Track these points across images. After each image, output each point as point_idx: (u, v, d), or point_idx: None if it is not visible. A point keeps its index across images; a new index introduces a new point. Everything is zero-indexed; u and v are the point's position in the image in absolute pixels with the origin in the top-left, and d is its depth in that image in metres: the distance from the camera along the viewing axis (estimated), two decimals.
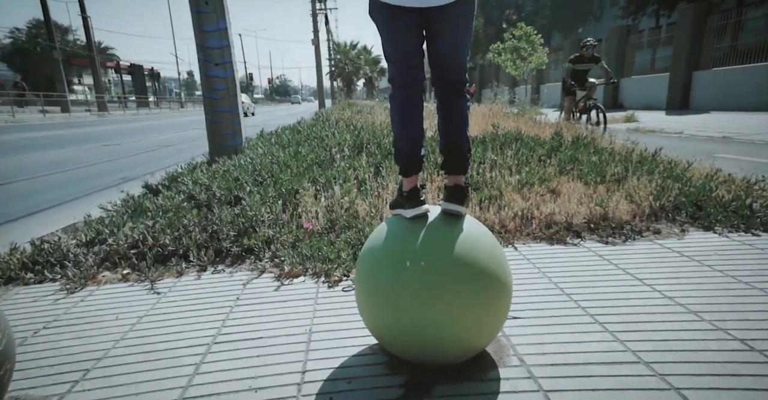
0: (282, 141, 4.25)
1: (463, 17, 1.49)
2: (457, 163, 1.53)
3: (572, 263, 2.16)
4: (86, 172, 5.95)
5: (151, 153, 8.36)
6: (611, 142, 4.02)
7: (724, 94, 10.87)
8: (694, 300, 1.72)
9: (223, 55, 4.45)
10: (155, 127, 15.51)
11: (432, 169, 3.27)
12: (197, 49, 4.41)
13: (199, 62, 4.43)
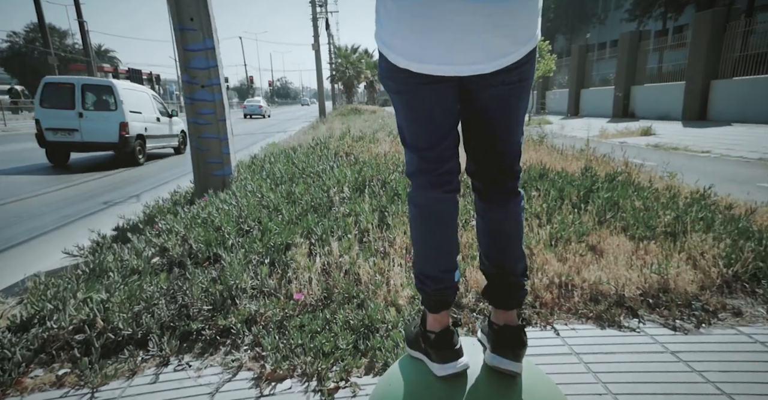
0: (274, 174, 3.77)
1: (519, 84, 1.02)
2: (509, 293, 1.05)
3: (634, 362, 1.67)
4: (70, 194, 5.51)
5: (142, 169, 7.92)
6: (650, 179, 3.52)
7: (746, 104, 10.35)
8: None
9: (209, 76, 3.99)
10: None
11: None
12: (180, 70, 3.95)
13: (183, 84, 3.97)
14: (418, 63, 0.96)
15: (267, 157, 4.69)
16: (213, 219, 2.80)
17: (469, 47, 0.94)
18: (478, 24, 0.92)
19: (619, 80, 15.57)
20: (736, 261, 2.18)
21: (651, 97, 14.18)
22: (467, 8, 0.91)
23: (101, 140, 8.10)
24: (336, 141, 5.06)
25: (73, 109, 8.07)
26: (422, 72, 0.98)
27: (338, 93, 46.81)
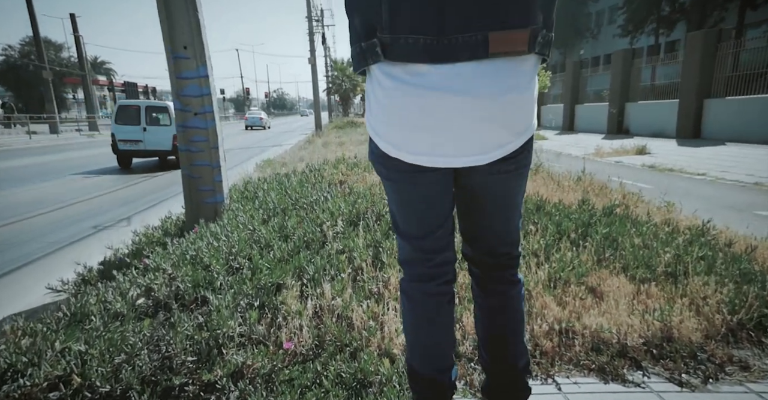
0: (267, 204, 3.69)
1: (516, 172, 0.97)
2: (510, 392, 0.98)
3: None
4: (58, 217, 5.40)
5: (133, 188, 7.82)
6: (648, 212, 3.47)
7: (739, 124, 10.41)
8: None
9: (203, 103, 3.93)
10: None
11: None
12: (173, 98, 3.90)
13: (176, 112, 3.91)
14: (409, 154, 0.91)
15: (260, 184, 4.61)
16: (202, 257, 2.72)
17: (463, 139, 0.90)
18: (472, 118, 0.88)
19: (613, 97, 15.69)
20: (740, 307, 2.12)
21: (645, 114, 14.27)
22: (461, 103, 0.87)
23: (159, 149, 10.53)
24: (330, 168, 5.00)
25: (139, 125, 10.45)
26: (414, 163, 0.92)
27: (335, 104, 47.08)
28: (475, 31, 0.86)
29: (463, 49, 0.86)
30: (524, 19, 0.88)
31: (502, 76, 0.89)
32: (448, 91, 0.87)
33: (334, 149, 14.65)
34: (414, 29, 0.87)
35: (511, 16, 0.87)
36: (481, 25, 0.86)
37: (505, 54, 0.88)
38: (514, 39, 0.87)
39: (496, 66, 0.89)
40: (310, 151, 14.38)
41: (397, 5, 0.87)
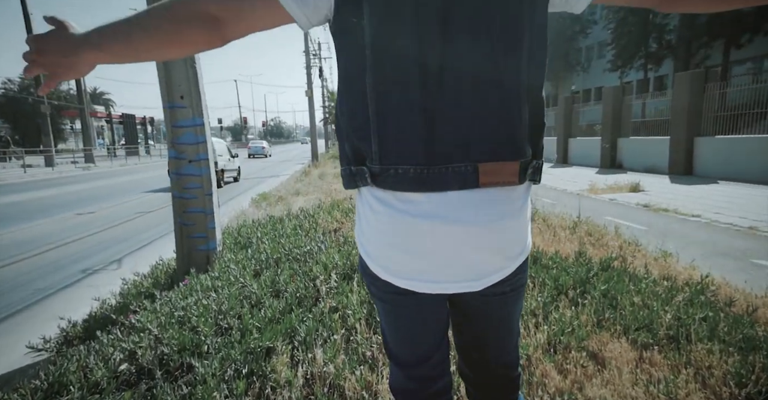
0: (260, 254, 3.63)
1: (512, 293, 0.96)
2: None
3: None
4: (47, 260, 5.28)
5: (127, 225, 7.72)
6: (646, 264, 3.44)
7: (730, 162, 10.56)
8: None
9: (198, 151, 3.93)
10: (138, 183, 14.97)
11: None
12: (168, 146, 3.89)
13: (170, 160, 3.89)
14: (400, 278, 0.89)
15: (254, 229, 4.56)
16: (190, 316, 2.63)
17: (455, 266, 0.88)
18: (464, 245, 0.87)
19: (605, 132, 15.95)
20: (748, 379, 2.05)
21: (637, 149, 14.48)
22: (453, 231, 0.86)
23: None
24: (325, 213, 4.97)
25: None
26: (405, 287, 0.89)
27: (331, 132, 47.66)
28: (465, 162, 0.86)
29: (453, 179, 0.86)
30: (513, 152, 0.88)
31: (493, 204, 0.89)
32: (440, 220, 0.87)
33: (330, 181, 14.68)
34: (403, 160, 0.87)
35: (500, 148, 0.87)
36: (471, 156, 0.86)
37: (495, 184, 0.88)
38: (504, 171, 0.87)
39: (487, 195, 0.88)
40: (306, 183, 14.40)
41: (386, 137, 0.87)
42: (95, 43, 0.89)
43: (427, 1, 0.83)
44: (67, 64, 0.90)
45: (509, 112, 0.87)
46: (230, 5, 0.89)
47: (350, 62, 0.89)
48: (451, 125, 0.86)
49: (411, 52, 0.84)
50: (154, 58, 0.98)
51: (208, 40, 0.92)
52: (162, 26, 0.89)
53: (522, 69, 0.87)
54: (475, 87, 0.85)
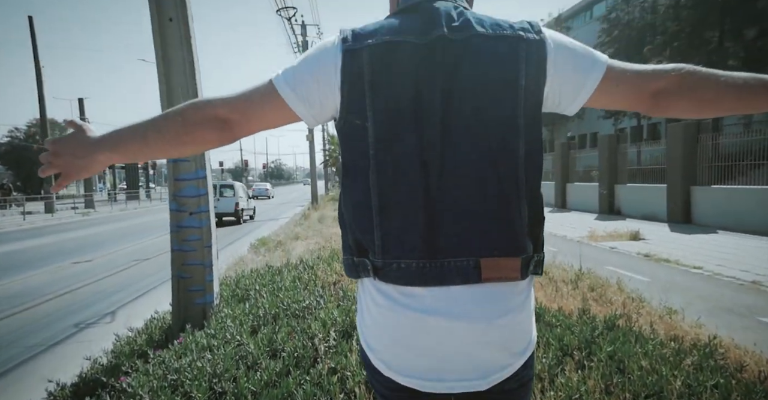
0: (257, 309, 3.57)
1: (519, 389, 0.96)
2: None
3: None
4: (40, 313, 5.16)
5: (123, 273, 7.63)
6: (651, 323, 3.38)
7: (728, 212, 10.60)
8: None
9: (199, 203, 3.95)
10: (138, 229, 14.92)
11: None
12: (169, 198, 3.92)
13: (171, 214, 3.91)
14: (402, 376, 0.88)
15: (252, 281, 4.51)
16: (183, 380, 2.55)
17: (459, 363, 0.88)
18: (468, 342, 0.87)
19: (602, 178, 16.14)
20: None
21: (635, 196, 14.59)
22: (456, 327, 0.86)
23: (226, 211, 17.32)
24: (324, 264, 4.94)
25: (214, 197, 18.55)
26: (408, 386, 0.88)
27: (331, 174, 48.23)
28: (467, 256, 0.88)
29: (455, 274, 0.87)
30: (514, 248, 0.90)
31: (496, 299, 0.89)
32: (442, 315, 0.87)
33: (329, 224, 14.67)
34: (406, 254, 0.88)
35: (500, 244, 0.89)
36: (473, 251, 0.88)
37: (498, 279, 0.88)
38: (505, 266, 0.88)
39: (490, 290, 0.89)
40: (305, 227, 14.39)
41: (388, 232, 0.89)
42: (110, 146, 0.94)
43: (427, 106, 0.88)
44: (81, 166, 0.94)
45: (508, 209, 0.90)
46: (241, 108, 0.94)
47: (354, 159, 0.93)
48: (452, 221, 0.88)
49: (412, 153, 0.88)
50: (165, 157, 1.02)
51: (219, 139, 0.97)
52: (176, 129, 0.94)
53: (519, 168, 0.90)
54: (474, 186, 0.89)
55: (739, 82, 0.91)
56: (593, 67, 0.93)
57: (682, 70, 0.93)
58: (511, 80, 0.89)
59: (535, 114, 0.92)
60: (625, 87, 0.95)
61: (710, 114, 1.00)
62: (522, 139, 0.90)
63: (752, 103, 0.93)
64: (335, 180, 47.45)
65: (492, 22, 0.92)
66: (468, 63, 0.88)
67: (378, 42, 0.89)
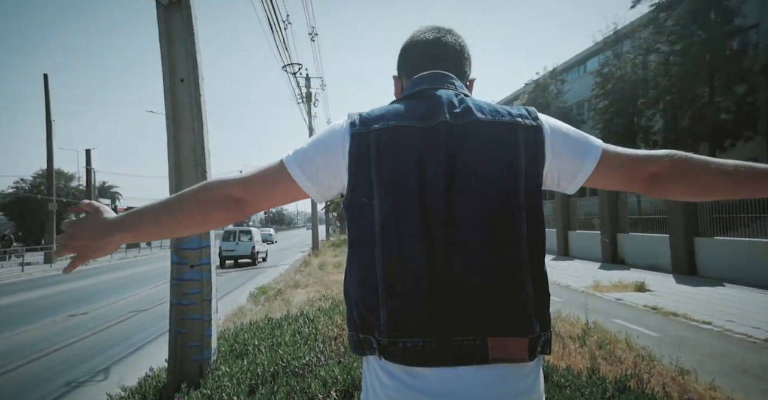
0: (256, 366, 3.46)
1: None
2: None
3: None
4: (31, 372, 4.97)
5: (119, 326, 7.45)
6: (664, 386, 3.26)
7: (734, 265, 10.46)
8: None
9: (201, 255, 3.94)
10: (136, 278, 14.72)
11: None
12: (171, 251, 3.92)
13: (172, 266, 3.90)
14: None
15: (251, 335, 4.40)
16: None
17: None
18: None
19: (603, 227, 16.11)
20: None
21: (638, 246, 14.50)
22: None
23: (244, 254, 20.01)
24: (325, 317, 4.84)
25: (234, 241, 20.06)
26: None
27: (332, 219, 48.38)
28: (474, 335, 0.88)
29: (462, 354, 0.87)
30: (520, 327, 0.90)
31: (505, 382, 0.88)
32: (449, 398, 0.85)
33: (330, 271, 14.49)
34: (411, 333, 0.88)
35: (507, 322, 0.89)
36: (479, 329, 0.88)
37: (505, 360, 0.88)
38: (513, 347, 0.88)
39: (498, 372, 0.88)
40: (305, 274, 14.20)
41: (394, 310, 0.90)
42: (125, 228, 0.98)
43: (431, 186, 0.91)
44: (96, 247, 0.98)
45: (513, 287, 0.91)
46: (253, 188, 0.99)
47: (360, 236, 0.95)
48: (458, 299, 0.89)
49: (417, 231, 0.90)
50: (178, 236, 1.06)
51: (230, 218, 1.01)
52: (190, 210, 0.98)
53: (522, 246, 0.92)
54: (478, 263, 0.90)
55: (729, 169, 0.96)
56: (589, 152, 0.98)
57: (675, 156, 0.98)
58: (511, 162, 0.93)
59: (536, 193, 0.95)
60: (621, 171, 0.99)
61: (704, 198, 1.03)
62: (524, 217, 0.93)
63: (743, 189, 0.97)
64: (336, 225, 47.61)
65: (491, 109, 0.98)
66: (469, 146, 0.93)
67: (384, 127, 0.95)
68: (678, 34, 15.29)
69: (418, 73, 1.07)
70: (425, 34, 1.11)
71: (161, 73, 4.23)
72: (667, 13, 15.91)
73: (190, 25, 4.22)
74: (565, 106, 26.42)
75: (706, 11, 14.72)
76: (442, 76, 1.05)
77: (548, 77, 26.08)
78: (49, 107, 24.46)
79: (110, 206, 30.14)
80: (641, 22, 18.50)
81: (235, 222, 1.03)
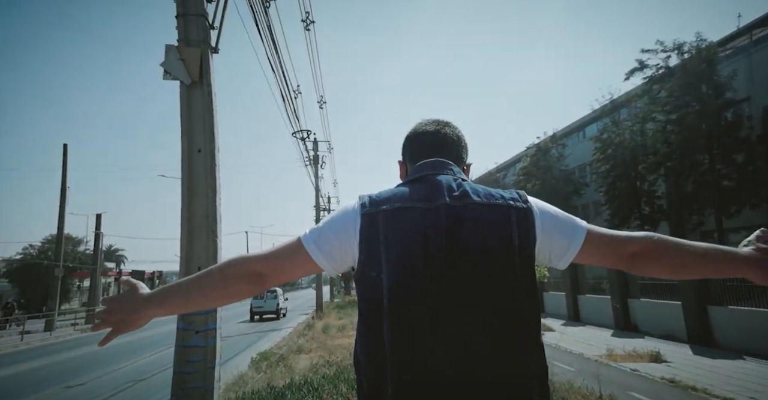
0: None
1: None
2: None
3: None
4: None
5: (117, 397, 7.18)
6: None
7: (751, 336, 10.03)
8: None
9: (207, 321, 3.93)
10: (136, 345, 14.25)
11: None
12: (177, 317, 3.92)
13: (177, 332, 3.88)
14: None
15: None
16: None
17: None
18: None
19: (613, 291, 15.74)
20: None
21: (651, 312, 14.08)
22: None
23: (270, 310, 24.10)
24: (329, 385, 4.69)
25: (263, 299, 23.73)
26: None
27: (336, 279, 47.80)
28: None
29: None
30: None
31: None
32: None
33: (334, 335, 14.05)
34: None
35: (510, 393, 0.96)
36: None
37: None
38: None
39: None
40: (309, 338, 13.76)
41: (402, 385, 0.96)
42: (158, 303, 1.08)
43: (434, 260, 1.01)
44: (131, 322, 1.08)
45: (515, 360, 0.99)
46: (273, 264, 1.12)
47: (369, 307, 1.04)
48: (463, 373, 0.95)
49: (422, 303, 1.00)
50: (204, 308, 1.16)
51: (252, 291, 1.13)
52: (216, 284, 1.10)
53: (522, 317, 1.02)
54: (478, 330, 0.99)
55: (700, 252, 1.08)
56: (575, 232, 1.10)
57: (653, 238, 1.10)
58: (506, 240, 1.04)
59: (529, 268, 1.06)
60: (605, 250, 1.11)
61: (679, 277, 1.14)
62: (521, 290, 1.03)
63: (710, 270, 1.09)
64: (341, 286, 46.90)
65: (486, 192, 1.11)
66: (468, 225, 1.05)
67: (391, 208, 1.07)
68: (672, 104, 15.90)
69: (420, 160, 1.22)
70: (426, 127, 1.27)
71: (179, 143, 4.48)
72: (660, 85, 16.65)
73: (210, 102, 4.54)
74: (567, 169, 26.88)
75: (698, 85, 15.39)
76: (442, 163, 1.19)
77: (549, 141, 26.78)
78: (66, 176, 24.28)
79: (115, 269, 29.83)
80: (636, 92, 19.30)
81: (254, 295, 1.13)
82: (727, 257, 1.05)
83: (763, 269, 1.02)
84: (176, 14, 4.53)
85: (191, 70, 4.42)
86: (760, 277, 1.03)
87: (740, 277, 1.06)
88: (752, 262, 1.03)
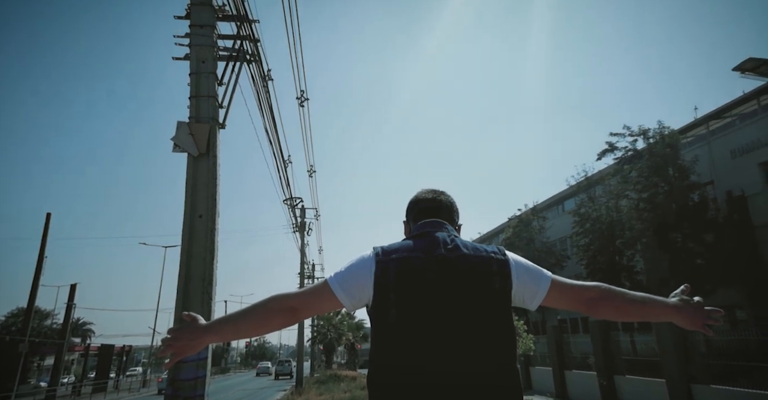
0: None
1: None
2: None
3: None
4: None
5: None
6: None
7: None
8: None
9: (195, 387, 3.96)
10: None
11: None
12: (167, 383, 3.94)
13: (165, 398, 3.88)
14: None
15: None
16: None
17: None
18: None
19: (599, 367, 15.48)
20: None
21: (637, 390, 13.81)
22: None
23: (287, 372, 40.49)
24: None
25: (283, 366, 42.52)
26: None
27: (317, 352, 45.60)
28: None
29: None
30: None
31: None
32: None
33: None
34: None
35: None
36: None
37: None
38: None
39: None
40: None
41: (408, 383, 1.24)
42: (214, 331, 1.35)
43: (433, 300, 1.32)
44: (191, 346, 1.34)
45: (502, 380, 1.28)
46: (307, 301, 1.42)
47: (380, 339, 1.33)
48: (457, 368, 1.24)
49: (424, 335, 1.29)
50: (249, 336, 1.45)
51: (287, 323, 1.41)
52: (259, 316, 1.39)
53: (505, 349, 1.33)
54: (467, 345, 1.28)
55: (639, 300, 1.42)
56: (541, 280, 1.44)
57: (601, 287, 1.45)
58: (486, 284, 1.37)
59: (507, 307, 1.37)
60: (568, 294, 1.45)
61: (624, 319, 1.47)
62: (497, 317, 1.33)
63: (647, 314, 1.43)
64: (322, 359, 44.75)
65: (473, 246, 1.45)
66: (459, 272, 1.37)
67: (399, 256, 1.40)
68: (643, 183, 16.84)
69: (421, 220, 1.57)
70: (426, 194, 1.65)
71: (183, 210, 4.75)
72: (631, 166, 17.73)
73: (215, 171, 4.91)
74: (548, 242, 27.39)
75: (665, 167, 16.44)
76: (438, 223, 1.54)
77: (530, 213, 27.56)
78: (45, 245, 22.26)
79: (83, 345, 26.97)
80: (608, 171, 20.43)
81: (288, 326, 1.41)
82: (660, 305, 1.39)
83: (684, 314, 1.37)
84: (190, 96, 5.03)
85: (200, 143, 4.84)
86: (684, 321, 1.37)
87: (669, 321, 1.40)
88: (678, 309, 1.37)
